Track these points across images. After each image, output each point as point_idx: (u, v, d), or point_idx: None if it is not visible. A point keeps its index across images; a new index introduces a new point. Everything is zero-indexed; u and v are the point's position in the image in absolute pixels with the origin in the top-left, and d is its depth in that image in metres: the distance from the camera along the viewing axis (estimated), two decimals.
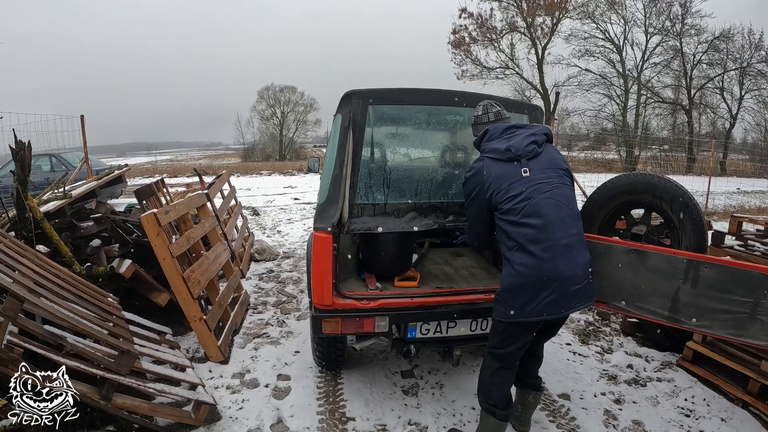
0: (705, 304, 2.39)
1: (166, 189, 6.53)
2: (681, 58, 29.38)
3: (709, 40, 28.62)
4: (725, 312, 2.33)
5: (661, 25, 29.12)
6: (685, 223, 2.73)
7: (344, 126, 2.78)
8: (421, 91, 2.90)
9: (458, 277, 3.32)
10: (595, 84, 30.50)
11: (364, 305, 2.78)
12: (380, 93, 2.83)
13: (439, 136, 3.51)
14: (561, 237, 2.36)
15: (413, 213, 2.87)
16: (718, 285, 2.33)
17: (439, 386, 3.47)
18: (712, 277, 2.36)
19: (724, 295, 2.32)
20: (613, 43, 29.98)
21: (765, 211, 13.36)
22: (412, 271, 3.22)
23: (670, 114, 31.51)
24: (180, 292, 3.63)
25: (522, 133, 2.55)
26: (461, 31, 30.56)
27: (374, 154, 3.14)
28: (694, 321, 2.43)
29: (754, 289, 2.24)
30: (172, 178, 18.37)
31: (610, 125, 30.89)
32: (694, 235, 2.70)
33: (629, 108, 30.69)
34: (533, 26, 29.65)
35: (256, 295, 5.33)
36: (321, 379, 3.54)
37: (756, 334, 2.26)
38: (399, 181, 2.98)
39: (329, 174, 2.82)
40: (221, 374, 3.58)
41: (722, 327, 2.36)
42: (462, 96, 3.01)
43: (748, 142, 31.79)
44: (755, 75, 28.78)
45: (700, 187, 13.60)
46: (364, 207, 2.80)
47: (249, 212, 10.67)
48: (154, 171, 23.38)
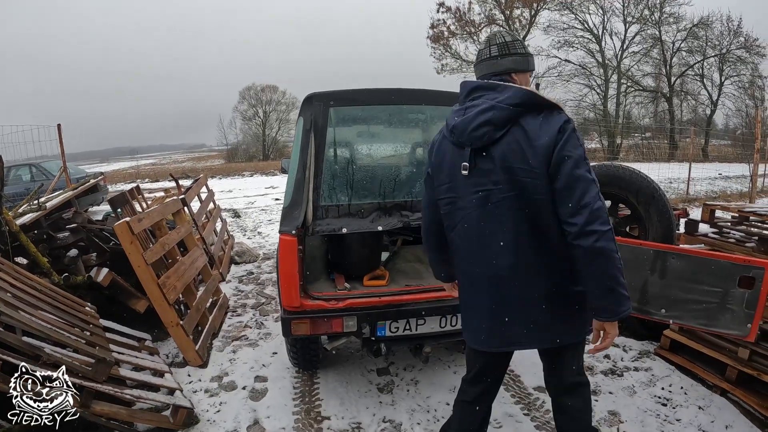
0: (674, 294, 2.39)
1: (142, 195, 6.49)
2: (660, 47, 29.74)
3: (687, 28, 29.06)
4: (695, 302, 2.33)
5: (639, 14, 29.48)
6: (651, 215, 2.73)
7: (306, 129, 2.81)
8: (381, 91, 2.93)
9: (428, 275, 3.34)
10: (575, 74, 30.90)
11: (332, 305, 2.80)
12: (341, 95, 2.86)
13: (402, 135, 3.54)
14: (483, 271, 1.87)
15: (378, 212, 2.89)
16: (686, 275, 2.33)
17: (414, 383, 3.49)
18: (681, 267, 2.35)
19: (693, 285, 2.32)
20: (592, 33, 30.27)
21: (747, 195, 13.52)
22: (381, 270, 3.25)
23: (651, 102, 31.88)
24: (156, 298, 3.65)
25: (480, 104, 1.79)
26: (440, 25, 30.74)
27: (337, 156, 3.18)
28: (663, 312, 2.44)
29: (723, 279, 2.24)
30: (154, 183, 18.26)
31: (592, 115, 31.13)
32: (661, 226, 2.70)
33: (610, 97, 31.01)
34: (511, 19, 29.83)
35: (235, 297, 5.33)
36: (297, 380, 3.55)
37: (727, 324, 2.26)
38: (362, 181, 3.01)
39: (293, 177, 2.84)
40: (200, 378, 3.59)
41: (692, 317, 2.37)
42: (423, 94, 3.03)
43: (729, 128, 32.15)
44: (735, 61, 29.22)
45: (682, 173, 13.75)
46: (328, 208, 2.82)
47: (230, 214, 10.66)
48: (136, 176, 23.18)
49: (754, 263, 2.17)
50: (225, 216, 9.49)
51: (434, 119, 3.40)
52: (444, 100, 3.20)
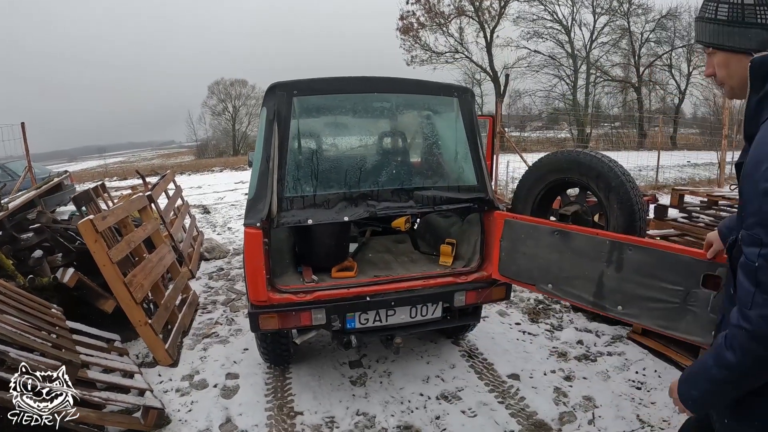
0: (631, 290, 2.14)
1: (107, 193, 6.32)
2: (629, 37, 30.13)
3: (656, 19, 29.52)
4: (653, 300, 2.08)
5: (608, 5, 29.74)
6: (611, 202, 2.64)
7: (269, 119, 2.74)
8: (346, 79, 2.87)
9: (397, 265, 3.32)
10: (545, 65, 31.12)
11: (300, 298, 2.75)
12: (305, 84, 2.80)
13: (368, 124, 3.50)
14: None
15: (344, 203, 2.83)
16: (644, 270, 2.09)
17: (387, 374, 3.46)
18: (638, 260, 2.10)
19: (652, 282, 2.07)
20: (562, 24, 30.50)
21: (715, 182, 13.83)
22: (349, 261, 3.21)
23: (619, 92, 32.26)
24: (123, 297, 3.56)
25: None
26: (409, 16, 30.50)
27: (301, 146, 3.11)
28: (619, 309, 2.20)
29: (685, 276, 1.96)
30: (123, 181, 17.86)
31: (561, 105, 31.49)
32: (622, 214, 2.54)
33: (579, 87, 31.37)
34: (481, 10, 29.79)
35: (205, 294, 5.23)
36: (269, 375, 3.49)
37: (688, 329, 1.99)
38: (328, 171, 2.95)
39: (257, 169, 2.77)
40: (170, 377, 3.51)
41: (650, 317, 2.11)
42: (388, 82, 2.99)
43: (698, 117, 32.84)
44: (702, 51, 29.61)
45: (651, 161, 13.99)
46: (293, 200, 2.75)
47: (199, 211, 10.48)
48: (105, 174, 22.68)
49: (721, 260, 1.81)
50: (194, 212, 9.32)
51: (400, 108, 3.36)
52: (410, 88, 3.16)
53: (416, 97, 3.25)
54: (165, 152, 54.79)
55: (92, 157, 45.83)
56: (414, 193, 2.96)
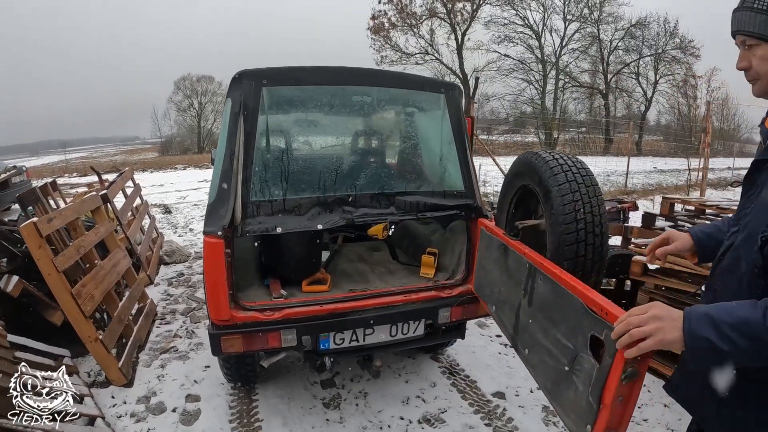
0: (534, 332, 1.71)
1: (59, 191, 5.85)
2: (598, 45, 30.67)
3: (625, 28, 30.12)
4: (548, 353, 1.58)
5: (579, 12, 30.23)
6: (546, 215, 2.02)
7: (234, 112, 2.41)
8: (322, 69, 2.57)
9: (374, 276, 3.03)
10: (515, 69, 31.18)
11: (267, 317, 2.43)
12: (276, 72, 2.48)
13: (345, 121, 3.20)
14: None
15: (317, 208, 2.52)
16: (546, 308, 1.63)
17: (363, 395, 3.18)
18: (544, 294, 1.65)
19: (551, 327, 1.58)
20: (533, 29, 30.78)
21: (682, 188, 14.04)
22: (322, 273, 2.90)
23: (587, 98, 32.82)
24: (70, 310, 3.19)
25: None
26: (380, 16, 30.25)
27: (270, 143, 2.79)
28: (526, 352, 1.78)
29: (575, 329, 1.45)
30: (83, 177, 17.09)
31: (529, 109, 31.79)
32: (552, 233, 1.91)
33: (548, 92, 31.72)
34: (453, 12, 29.85)
35: (164, 303, 4.85)
36: (234, 397, 3.18)
37: (566, 405, 1.47)
38: (300, 173, 2.63)
39: (219, 168, 2.44)
40: (125, 399, 3.17)
41: (543, 374, 1.63)
42: (369, 74, 2.71)
43: (662, 124, 33.69)
44: (669, 61, 30.62)
45: (618, 167, 14.10)
46: (259, 205, 2.43)
47: (160, 210, 10.02)
48: (65, 170, 21.76)
49: (610, 317, 1.31)
50: (155, 212, 8.88)
51: (382, 103, 3.06)
52: (393, 82, 2.88)
53: (399, 92, 2.96)
54: (129, 148, 53.36)
55: (56, 151, 44.29)
56: (395, 199, 2.68)
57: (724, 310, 1.12)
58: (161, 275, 5.71)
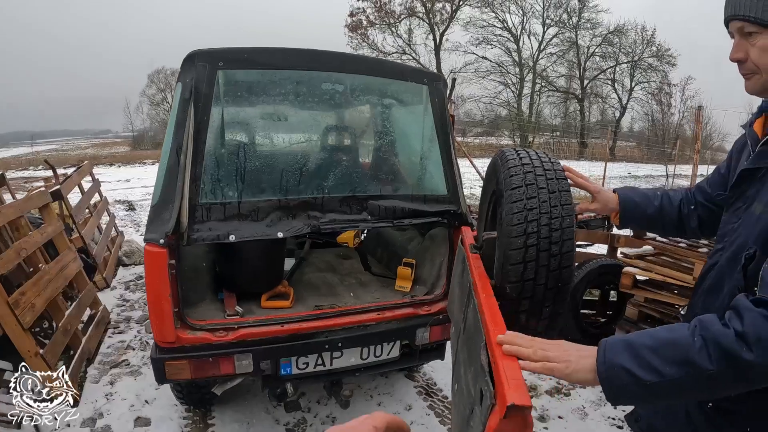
0: (459, 366, 1.46)
1: (7, 185, 5.40)
2: (576, 50, 30.96)
3: (603, 34, 30.55)
4: (461, 393, 1.32)
5: (558, 17, 30.61)
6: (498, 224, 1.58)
7: (184, 98, 2.06)
8: (288, 51, 2.22)
9: (343, 289, 2.71)
10: (492, 71, 31.38)
11: (220, 338, 2.08)
12: (234, 53, 2.13)
13: (314, 112, 2.84)
14: None
15: (278, 213, 2.18)
16: (469, 342, 1.33)
17: (331, 420, 2.88)
18: (471, 324, 1.35)
19: (467, 366, 1.27)
20: (511, 32, 31.06)
21: None
22: (284, 286, 2.55)
23: (562, 102, 33.15)
24: (7, 322, 2.81)
25: None
26: (359, 14, 30.07)
27: (225, 136, 2.44)
28: (455, 388, 1.50)
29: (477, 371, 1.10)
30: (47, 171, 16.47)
31: (505, 112, 31.91)
32: (499, 246, 1.51)
33: (524, 96, 31.95)
34: (432, 12, 29.86)
35: (119, 309, 4.49)
36: (188, 421, 2.86)
37: None
38: (258, 171, 2.29)
39: (164, 164, 2.08)
40: (69, 422, 2.80)
41: (456, 413, 1.41)
42: (344, 59, 2.39)
43: (635, 130, 34.17)
44: (646, 68, 31.15)
45: (594, 171, 14.07)
46: (210, 208, 2.07)
47: (124, 207, 9.60)
48: (32, 163, 21.11)
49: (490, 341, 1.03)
50: (118, 209, 8.44)
51: (356, 93, 2.71)
52: (370, 69, 2.56)
53: (377, 81, 2.62)
54: (100, 141, 52.24)
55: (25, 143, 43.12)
56: (368, 203, 2.34)
57: (647, 333, 0.94)
58: (119, 278, 5.33)
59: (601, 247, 4.78)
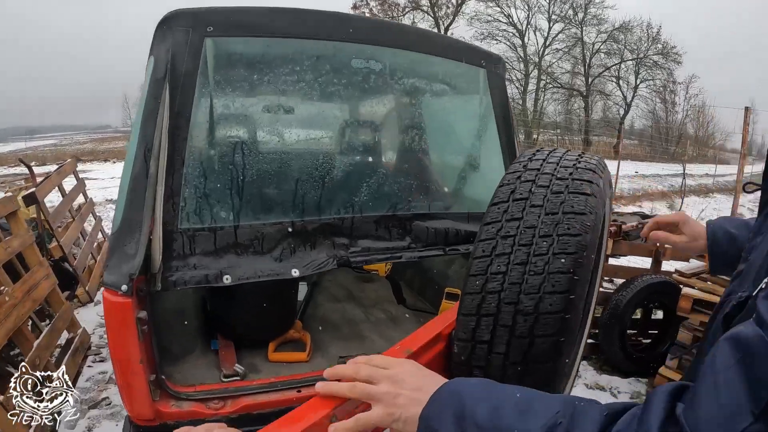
0: None
1: None
2: (581, 46, 30.72)
3: (609, 31, 30.69)
4: None
5: (564, 13, 30.78)
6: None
7: (157, 78, 1.42)
8: (306, 13, 1.60)
9: (370, 328, 2.08)
10: None
11: (215, 411, 1.47)
12: (229, 15, 1.49)
13: (339, 100, 2.16)
14: None
15: (291, 241, 1.56)
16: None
17: None
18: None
19: None
20: (516, 27, 31.15)
21: (669, 195, 13.64)
22: (297, 330, 1.92)
23: (567, 99, 33.07)
24: None
25: None
26: (362, 6, 29.91)
27: (215, 132, 1.72)
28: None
29: None
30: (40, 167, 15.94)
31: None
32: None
33: (529, 92, 32.04)
34: (437, 5, 29.78)
35: (102, 330, 3.93)
36: None
37: None
38: (262, 182, 1.63)
39: (128, 174, 1.42)
40: None
41: None
42: (379, 28, 1.79)
43: (636, 129, 34.15)
44: (651, 66, 31.14)
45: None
46: (195, 236, 1.44)
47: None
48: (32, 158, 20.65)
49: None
50: (109, 209, 7.81)
51: (396, 76, 1.98)
52: (414, 44, 1.86)
53: (424, 59, 1.93)
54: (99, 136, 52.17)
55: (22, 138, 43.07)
56: (414, 224, 1.75)
57: (490, 386, 0.70)
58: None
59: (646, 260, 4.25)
